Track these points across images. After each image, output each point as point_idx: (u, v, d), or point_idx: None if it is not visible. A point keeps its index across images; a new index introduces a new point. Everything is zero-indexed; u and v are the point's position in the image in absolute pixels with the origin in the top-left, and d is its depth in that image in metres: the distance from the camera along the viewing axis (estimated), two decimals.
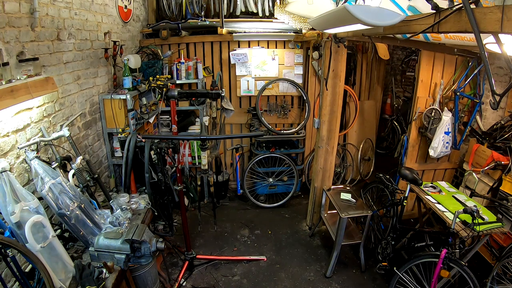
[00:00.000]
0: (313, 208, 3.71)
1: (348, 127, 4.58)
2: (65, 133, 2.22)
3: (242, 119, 4.41)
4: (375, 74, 4.76)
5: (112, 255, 1.91)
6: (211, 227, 3.72)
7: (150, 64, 3.65)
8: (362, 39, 3.45)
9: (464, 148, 3.61)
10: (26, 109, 1.95)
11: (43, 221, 1.69)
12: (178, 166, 2.77)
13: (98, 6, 2.85)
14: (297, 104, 4.44)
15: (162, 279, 2.74)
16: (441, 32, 1.47)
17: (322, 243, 3.54)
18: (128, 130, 2.80)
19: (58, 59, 2.28)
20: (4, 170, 1.60)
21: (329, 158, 3.50)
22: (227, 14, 4.08)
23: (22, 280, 1.59)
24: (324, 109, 3.33)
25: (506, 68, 3.19)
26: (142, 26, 4.00)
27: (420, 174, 3.64)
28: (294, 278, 3.04)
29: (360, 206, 3.08)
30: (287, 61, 4.21)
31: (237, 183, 4.31)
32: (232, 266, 3.19)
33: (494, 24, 1.07)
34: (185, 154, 3.94)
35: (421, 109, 3.47)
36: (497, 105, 1.28)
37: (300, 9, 3.13)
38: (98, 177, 2.51)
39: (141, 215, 2.42)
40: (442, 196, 2.89)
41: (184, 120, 4.03)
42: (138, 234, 1.96)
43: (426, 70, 3.43)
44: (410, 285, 2.48)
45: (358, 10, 1.46)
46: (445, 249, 2.23)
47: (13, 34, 1.83)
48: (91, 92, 2.79)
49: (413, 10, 1.94)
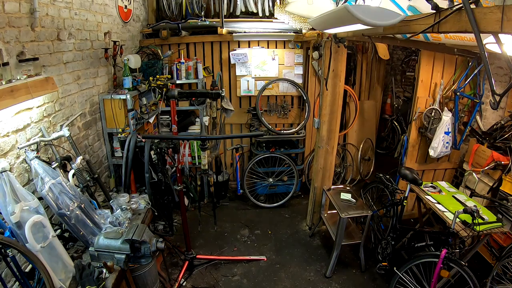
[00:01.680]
0: (313, 208, 3.71)
1: (348, 127, 4.58)
2: (65, 133, 2.22)
3: (242, 119, 4.41)
4: (375, 74, 4.76)
5: (112, 255, 1.92)
6: (211, 227, 3.72)
7: (150, 64, 3.65)
8: (362, 39, 3.45)
9: (464, 148, 3.61)
10: (26, 109, 1.95)
11: (43, 221, 1.69)
12: (178, 166, 2.77)
13: (98, 6, 2.85)
14: (297, 104, 4.44)
15: (162, 279, 2.74)
16: (441, 32, 1.47)
17: (322, 243, 3.54)
18: (128, 130, 2.80)
19: (58, 59, 2.28)
20: (4, 170, 1.60)
21: (329, 158, 3.50)
22: (227, 14, 4.08)
23: (22, 280, 1.60)
24: (324, 109, 3.33)
25: (506, 68, 3.19)
26: (142, 26, 4.00)
27: (420, 174, 3.64)
28: (294, 278, 3.04)
29: (360, 206, 3.08)
30: (287, 61, 4.21)
31: (237, 183, 4.31)
32: (232, 266, 3.19)
33: (494, 24, 1.07)
34: (185, 154, 3.94)
35: (421, 109, 3.47)
36: (497, 105, 1.28)
37: (300, 9, 3.13)
38: (98, 177, 2.51)
39: (141, 215, 2.43)
40: (442, 196, 2.90)
41: (184, 120, 4.03)
42: (138, 234, 1.96)
43: (426, 70, 3.43)
44: (410, 285, 2.48)
45: (358, 10, 1.46)
46: (445, 249, 2.23)
47: (13, 34, 1.83)
48: (91, 92, 2.79)
49: (413, 10, 1.94)
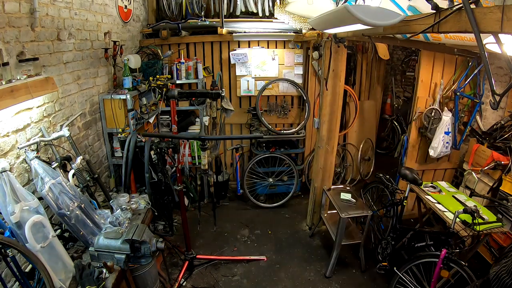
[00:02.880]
0: (313, 208, 3.71)
1: (348, 127, 4.58)
2: (65, 133, 2.22)
3: (242, 119, 4.41)
4: (375, 74, 4.76)
5: (112, 255, 1.92)
6: (211, 227, 3.71)
7: (150, 64, 3.65)
8: (362, 39, 3.45)
9: (464, 148, 3.61)
10: (26, 109, 1.95)
11: (43, 221, 1.69)
12: (178, 166, 2.77)
13: (98, 6, 2.85)
14: (297, 104, 4.44)
15: (162, 279, 2.73)
16: (441, 32, 1.47)
17: (322, 243, 3.53)
18: (128, 130, 2.80)
19: (58, 59, 2.28)
20: (4, 170, 1.60)
21: (329, 158, 3.50)
22: (227, 14, 4.08)
23: (22, 280, 1.60)
24: (324, 109, 3.33)
25: (506, 68, 3.19)
26: (142, 26, 4.00)
27: (420, 174, 3.64)
28: (294, 278, 3.04)
29: (360, 206, 3.08)
30: (287, 61, 4.21)
31: (237, 183, 4.31)
32: (232, 266, 3.18)
33: (494, 24, 1.07)
34: (185, 154, 3.94)
35: (421, 109, 3.47)
36: (497, 105, 1.28)
37: (300, 9, 3.13)
38: (98, 177, 2.51)
39: (141, 215, 2.43)
40: (442, 196, 2.90)
41: (184, 120, 4.03)
42: (138, 234, 1.96)
43: (426, 70, 3.43)
44: (410, 285, 2.47)
45: (358, 10, 1.46)
46: (445, 249, 2.23)
47: (13, 34, 1.83)
48: (91, 92, 2.79)
49: (413, 10, 1.94)
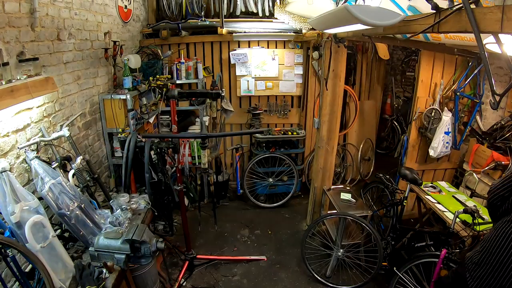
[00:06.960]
0: (313, 208, 3.70)
1: (348, 127, 4.58)
2: (65, 133, 2.22)
3: (242, 119, 4.41)
4: (375, 74, 4.76)
5: (112, 255, 1.92)
6: (211, 227, 3.71)
7: (150, 64, 3.65)
8: (362, 39, 3.45)
9: (464, 148, 3.61)
10: (26, 109, 1.95)
11: (43, 221, 1.69)
12: (178, 166, 2.77)
13: (98, 6, 2.85)
14: (297, 104, 4.44)
15: (162, 279, 2.73)
16: (441, 32, 1.47)
17: (322, 243, 3.53)
18: (128, 130, 2.80)
19: (58, 59, 2.28)
20: (4, 170, 1.60)
21: (329, 158, 3.50)
22: (227, 14, 4.08)
23: (22, 280, 1.60)
24: (324, 109, 3.33)
25: (506, 68, 3.19)
26: (142, 26, 4.00)
27: (420, 174, 3.64)
28: (294, 278, 3.04)
29: (360, 206, 3.08)
30: (287, 61, 4.21)
31: (237, 183, 4.31)
32: (232, 266, 3.18)
33: (494, 24, 1.07)
34: (185, 154, 3.93)
35: (421, 109, 3.47)
36: (497, 105, 1.28)
37: (300, 9, 3.13)
38: (98, 177, 2.51)
39: (141, 215, 2.42)
40: (442, 196, 2.90)
41: (184, 120, 4.03)
42: (138, 234, 1.96)
43: (426, 70, 3.43)
44: (410, 285, 2.47)
45: (358, 10, 1.46)
46: (445, 249, 2.22)
47: (13, 34, 1.83)
48: (91, 92, 2.79)
49: (413, 10, 1.93)
